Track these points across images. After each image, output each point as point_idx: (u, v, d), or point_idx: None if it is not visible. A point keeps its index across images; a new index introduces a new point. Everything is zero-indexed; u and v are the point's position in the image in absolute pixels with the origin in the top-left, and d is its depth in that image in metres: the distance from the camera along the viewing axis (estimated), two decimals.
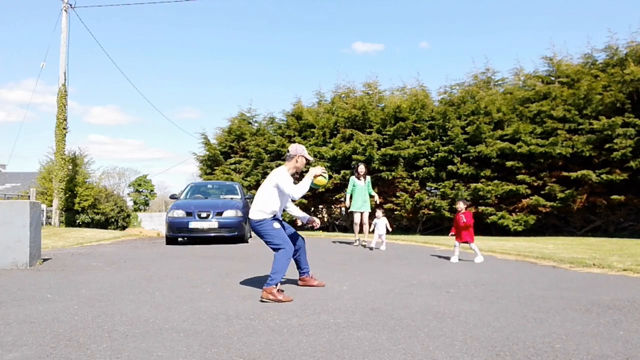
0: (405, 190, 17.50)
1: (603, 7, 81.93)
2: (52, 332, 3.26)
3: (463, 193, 16.51)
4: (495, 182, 16.24)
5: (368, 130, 18.41)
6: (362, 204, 9.76)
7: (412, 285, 5.19)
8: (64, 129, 19.22)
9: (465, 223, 7.31)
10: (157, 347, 2.92)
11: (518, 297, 4.52)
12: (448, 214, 16.43)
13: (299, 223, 4.40)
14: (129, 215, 25.61)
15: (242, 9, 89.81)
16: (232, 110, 52.82)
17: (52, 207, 19.61)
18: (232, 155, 20.72)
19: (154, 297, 4.50)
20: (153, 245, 10.83)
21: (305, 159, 4.83)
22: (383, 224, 9.43)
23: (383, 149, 17.68)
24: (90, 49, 56.74)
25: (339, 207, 19.46)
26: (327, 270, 6.33)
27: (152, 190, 57.32)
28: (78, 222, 21.09)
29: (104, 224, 22.09)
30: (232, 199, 11.64)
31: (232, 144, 20.76)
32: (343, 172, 17.92)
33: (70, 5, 19.43)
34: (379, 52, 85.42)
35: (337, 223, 19.75)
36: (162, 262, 7.33)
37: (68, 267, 6.66)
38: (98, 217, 21.79)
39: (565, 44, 43.96)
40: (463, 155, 16.97)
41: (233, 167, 20.32)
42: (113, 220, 22.90)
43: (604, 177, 14.94)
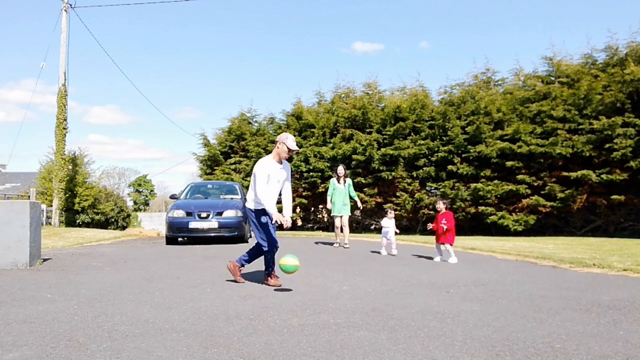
0: (405, 190, 17.50)
1: (603, 7, 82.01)
2: (52, 332, 3.26)
3: (463, 193, 16.52)
4: (495, 182, 16.24)
5: (368, 130, 18.41)
6: (341, 208, 9.62)
7: (412, 285, 5.19)
8: (64, 129, 19.22)
9: (448, 228, 7.27)
10: (157, 347, 2.92)
11: (518, 297, 4.52)
12: None
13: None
14: (129, 215, 25.62)
15: (242, 9, 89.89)
16: (232, 110, 52.93)
17: (52, 207, 19.62)
18: (232, 155, 20.73)
19: (154, 297, 4.50)
20: (153, 245, 10.83)
21: (287, 147, 5.03)
22: (392, 227, 8.47)
23: (383, 149, 17.69)
24: (90, 49, 56.80)
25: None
26: (327, 270, 6.33)
27: (152, 190, 57.26)
28: (78, 222, 21.09)
29: (104, 224, 22.09)
30: (232, 199, 11.64)
31: (232, 144, 20.77)
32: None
33: (70, 5, 19.44)
34: (379, 52, 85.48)
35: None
36: (162, 262, 7.33)
37: (68, 267, 6.66)
38: (98, 217, 21.79)
39: (565, 44, 44.10)
40: (463, 155, 16.97)
41: (233, 167, 20.32)
42: (113, 220, 22.91)
43: (604, 177, 14.95)
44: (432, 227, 7.54)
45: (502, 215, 16.00)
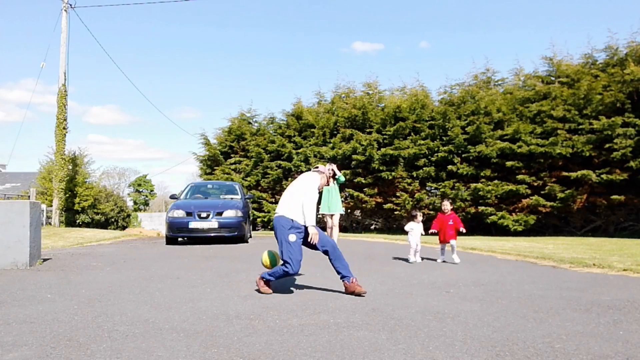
0: (405, 190, 17.51)
1: (603, 7, 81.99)
2: (52, 332, 3.26)
3: (463, 193, 16.51)
4: (495, 182, 16.24)
5: (368, 130, 18.41)
6: (331, 205, 9.59)
7: (412, 285, 5.19)
8: (64, 129, 19.22)
9: (456, 227, 7.25)
10: (157, 347, 2.92)
11: (518, 297, 4.52)
12: None
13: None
14: (129, 215, 25.62)
15: (242, 9, 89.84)
16: (232, 110, 52.87)
17: (52, 207, 19.61)
18: (232, 155, 20.73)
19: (154, 297, 4.50)
20: (153, 245, 10.83)
21: (327, 180, 4.98)
22: (419, 232, 7.44)
23: (383, 149, 17.69)
24: (90, 49, 56.67)
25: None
26: (327, 270, 6.32)
27: (152, 190, 57.27)
28: (78, 222, 21.09)
29: (104, 224, 22.09)
30: (232, 199, 11.64)
31: (232, 144, 20.78)
32: (343, 172, 17.91)
33: (70, 5, 19.44)
34: (379, 51, 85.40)
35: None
36: (162, 262, 7.33)
37: (68, 267, 6.66)
38: (98, 217, 21.80)
39: (566, 44, 44.05)
40: (463, 155, 16.97)
41: (233, 167, 20.33)
42: (113, 220, 22.91)
43: (604, 177, 14.95)
44: (433, 230, 7.50)
45: (502, 215, 16.00)
